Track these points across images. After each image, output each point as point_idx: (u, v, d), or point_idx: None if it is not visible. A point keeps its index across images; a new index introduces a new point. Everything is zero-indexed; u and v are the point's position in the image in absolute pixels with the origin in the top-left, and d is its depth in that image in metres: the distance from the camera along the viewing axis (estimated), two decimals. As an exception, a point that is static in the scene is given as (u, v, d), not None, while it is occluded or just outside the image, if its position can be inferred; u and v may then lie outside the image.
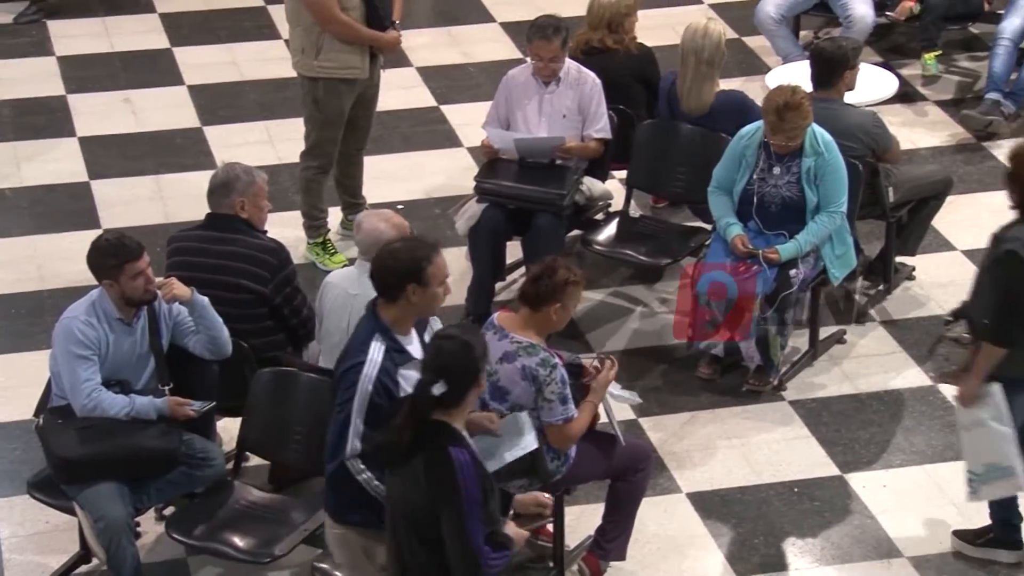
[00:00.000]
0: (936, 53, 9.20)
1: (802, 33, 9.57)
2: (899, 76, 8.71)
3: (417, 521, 4.78)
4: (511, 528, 4.95)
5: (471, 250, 7.37)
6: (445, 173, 8.61)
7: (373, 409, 5.03)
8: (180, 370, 5.99)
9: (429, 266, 5.13)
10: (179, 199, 8.31)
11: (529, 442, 5.48)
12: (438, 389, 4.75)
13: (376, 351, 5.07)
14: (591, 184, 7.44)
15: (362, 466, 5.08)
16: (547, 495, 5.78)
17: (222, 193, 6.29)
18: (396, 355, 5.10)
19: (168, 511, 6.10)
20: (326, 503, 5.30)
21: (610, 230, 7.46)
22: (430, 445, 4.75)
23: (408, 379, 5.06)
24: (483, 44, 9.96)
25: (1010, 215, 5.75)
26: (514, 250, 7.47)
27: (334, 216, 8.02)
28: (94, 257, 5.86)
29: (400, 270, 5.11)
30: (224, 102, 9.27)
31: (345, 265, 7.46)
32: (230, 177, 6.29)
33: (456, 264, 7.80)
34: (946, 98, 9.22)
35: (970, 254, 7.80)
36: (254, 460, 6.24)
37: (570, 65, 7.38)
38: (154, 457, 5.78)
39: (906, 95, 9.08)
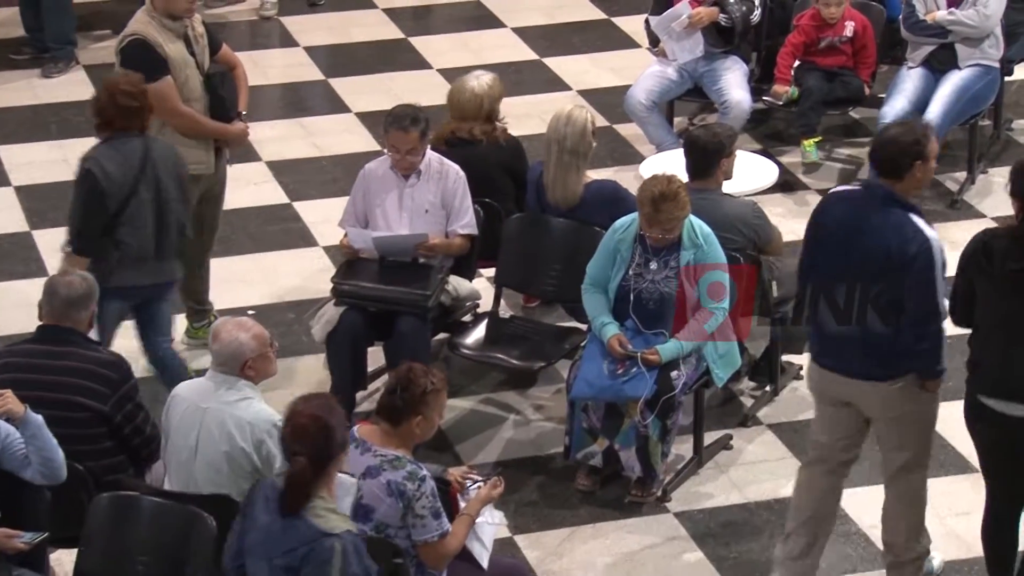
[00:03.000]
0: (816, 139, 9.37)
1: (676, 120, 9.69)
2: (779, 164, 8.85)
3: None
4: None
5: (329, 358, 7.31)
6: (299, 275, 8.56)
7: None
8: (8, 497, 5.83)
9: (928, 143, 5.91)
10: (7, 309, 8.15)
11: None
12: None
13: (924, 224, 5.87)
14: (457, 283, 7.44)
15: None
16: None
17: (82, 305, 6.21)
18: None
19: (-3, 655, 5.91)
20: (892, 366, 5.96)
21: (479, 333, 7.45)
22: None
23: None
24: (337, 135, 9.96)
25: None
26: (376, 356, 7.43)
27: (178, 324, 7.93)
28: None
29: (905, 152, 5.88)
30: (55, 203, 9.12)
31: (192, 376, 7.36)
32: (92, 287, 6.23)
33: (313, 373, 7.74)
34: (828, 186, 9.36)
35: (859, 350, 7.88)
36: (93, 594, 6.09)
37: (431, 157, 7.40)
38: (-20, 595, 5.61)
39: (787, 184, 9.23)
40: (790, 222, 8.90)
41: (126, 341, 7.63)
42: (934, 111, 8.98)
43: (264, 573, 5.12)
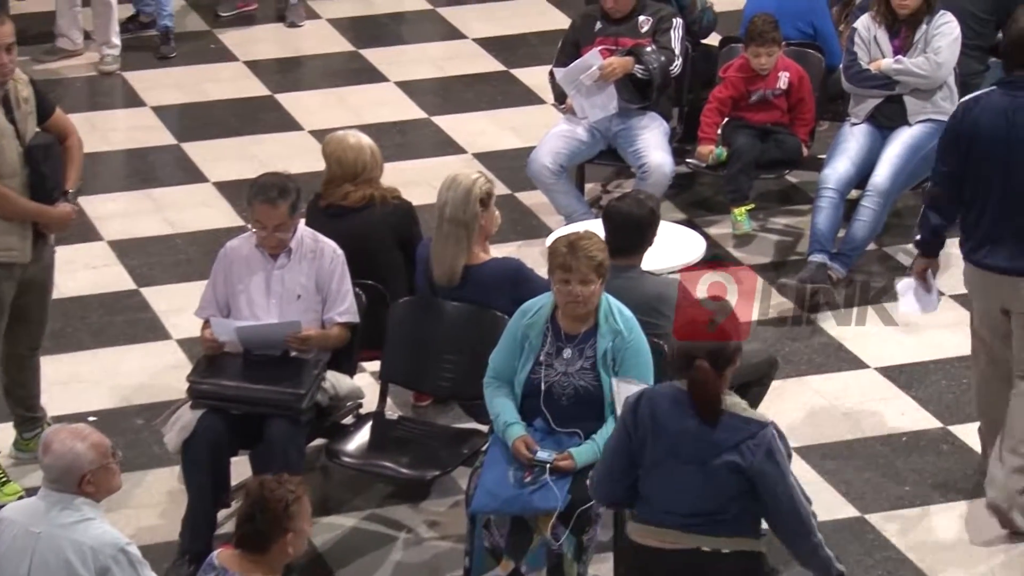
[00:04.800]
0: (748, 207, 9.42)
1: (587, 186, 9.74)
2: (706, 236, 8.90)
3: None
4: None
5: (185, 470, 7.23)
6: (148, 373, 8.48)
7: None
8: None
9: None
10: None
11: None
12: None
13: None
14: (336, 380, 7.41)
15: None
16: None
17: None
18: None
19: None
20: None
21: (362, 437, 7.40)
22: None
23: None
24: (192, 209, 9.91)
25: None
26: (242, 467, 7.35)
27: (4, 435, 7.81)
28: None
29: None
30: None
31: (21, 496, 7.25)
32: None
33: (166, 488, 7.65)
34: (763, 261, 9.45)
35: (804, 451, 7.91)
36: None
37: (304, 233, 7.38)
38: None
39: (716, 258, 9.28)
40: (721, 303, 8.95)
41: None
42: (881, 173, 9.08)
43: (692, 477, 5.83)
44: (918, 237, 7.55)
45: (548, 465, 6.73)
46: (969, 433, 8.00)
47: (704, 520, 5.86)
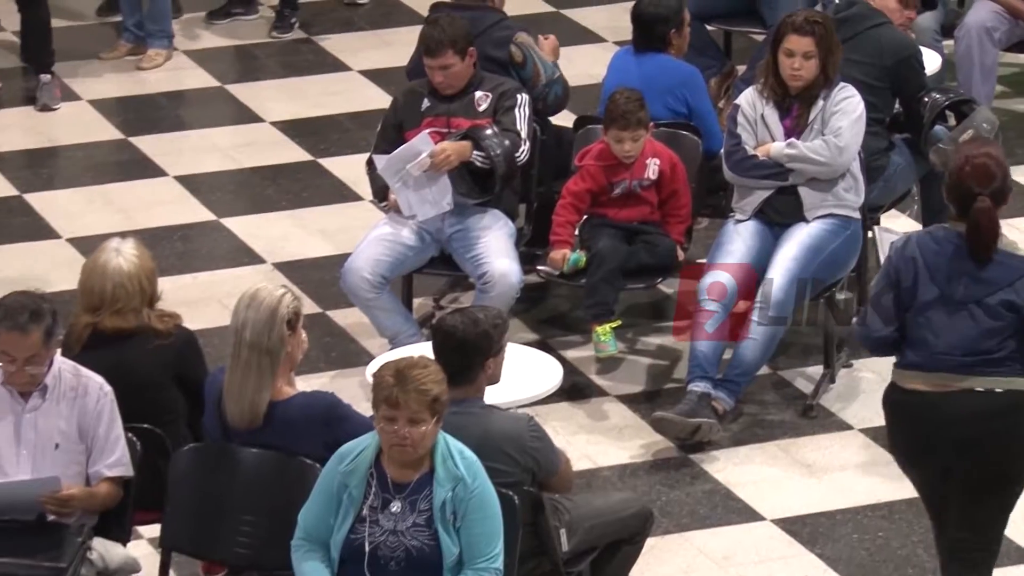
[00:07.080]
0: (613, 324, 9.43)
1: (416, 301, 9.72)
2: (562, 360, 8.90)
3: None
4: None
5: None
6: None
7: None
8: None
9: None
10: None
11: None
12: None
13: None
14: (105, 549, 7.32)
15: None
16: None
17: None
18: None
19: None
20: None
21: (139, 620, 7.32)
22: None
23: None
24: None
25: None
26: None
27: None
28: None
29: None
30: None
31: None
32: None
33: None
34: (633, 391, 9.46)
35: (688, 623, 7.94)
36: None
37: (62, 366, 7.32)
38: None
39: (575, 388, 9.29)
40: (583, 443, 8.95)
41: None
42: (776, 282, 9.11)
43: (966, 318, 7.03)
44: None
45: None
46: (888, 598, 8.09)
47: (978, 360, 7.03)
